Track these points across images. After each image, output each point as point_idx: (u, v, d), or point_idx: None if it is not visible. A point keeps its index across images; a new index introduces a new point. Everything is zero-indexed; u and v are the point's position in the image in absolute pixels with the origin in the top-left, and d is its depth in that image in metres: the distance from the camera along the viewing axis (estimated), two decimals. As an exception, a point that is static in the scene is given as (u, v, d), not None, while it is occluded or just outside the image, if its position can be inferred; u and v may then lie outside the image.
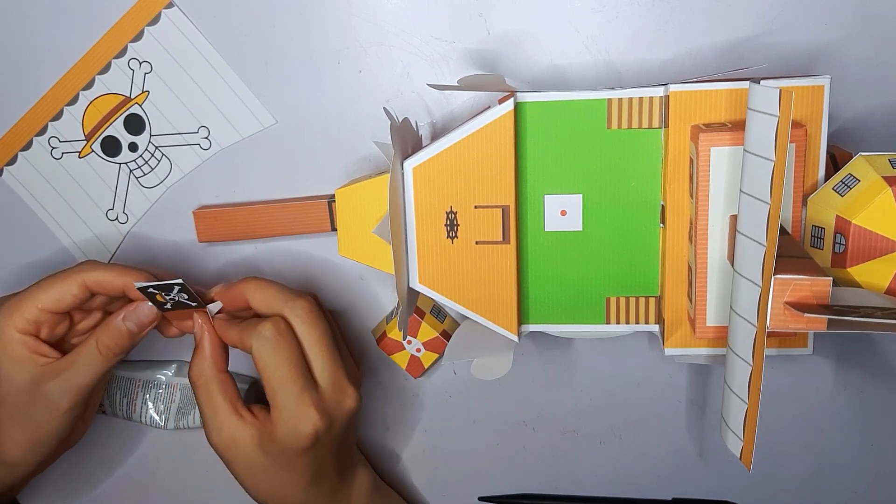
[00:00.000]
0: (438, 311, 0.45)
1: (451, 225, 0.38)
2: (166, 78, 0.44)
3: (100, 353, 0.39)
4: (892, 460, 0.46)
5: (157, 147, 0.45)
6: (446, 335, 0.44)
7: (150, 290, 0.38)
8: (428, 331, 0.44)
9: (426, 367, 0.45)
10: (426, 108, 0.43)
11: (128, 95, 0.44)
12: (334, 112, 0.43)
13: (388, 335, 0.44)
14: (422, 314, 0.44)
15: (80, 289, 0.39)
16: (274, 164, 0.45)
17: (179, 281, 0.38)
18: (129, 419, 0.48)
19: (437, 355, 0.45)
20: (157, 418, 0.48)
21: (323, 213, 0.43)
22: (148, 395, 0.47)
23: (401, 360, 0.45)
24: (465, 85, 0.37)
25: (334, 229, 0.43)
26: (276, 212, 0.43)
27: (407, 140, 0.39)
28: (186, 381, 0.47)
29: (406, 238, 0.38)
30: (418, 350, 0.45)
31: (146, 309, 0.39)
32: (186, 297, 0.39)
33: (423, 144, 0.41)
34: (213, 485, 0.51)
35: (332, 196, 0.42)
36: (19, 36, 0.44)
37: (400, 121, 0.38)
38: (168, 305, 0.39)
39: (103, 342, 0.39)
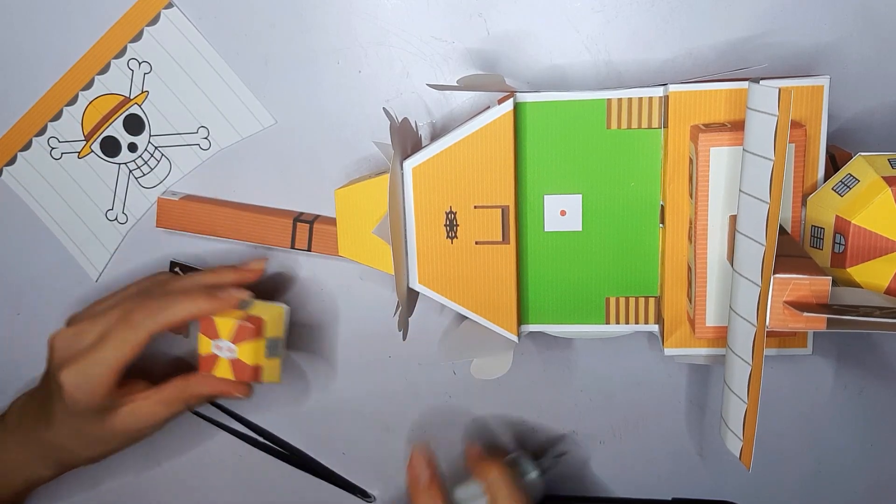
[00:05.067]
0: (274, 348, 0.41)
1: (451, 225, 0.38)
2: (166, 78, 0.44)
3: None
4: (892, 460, 0.46)
5: (156, 147, 0.45)
6: (253, 319, 0.39)
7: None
8: (225, 324, 0.39)
9: (256, 364, 0.40)
10: (426, 108, 0.43)
11: (127, 96, 0.44)
12: (334, 112, 0.43)
13: (201, 353, 0.40)
14: (259, 336, 0.40)
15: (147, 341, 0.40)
16: (274, 164, 0.45)
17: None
18: None
19: (256, 341, 0.39)
20: None
21: (286, 231, 0.43)
22: None
23: (224, 370, 0.40)
24: (464, 85, 0.37)
25: (293, 248, 0.43)
26: (239, 219, 0.44)
27: (407, 140, 0.39)
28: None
29: (406, 238, 0.38)
30: (230, 350, 0.39)
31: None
32: None
33: (423, 144, 0.41)
34: (215, 485, 0.51)
35: (300, 215, 0.43)
36: (18, 36, 0.44)
37: (399, 121, 0.38)
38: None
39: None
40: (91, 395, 0.40)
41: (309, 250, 0.43)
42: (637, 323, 0.40)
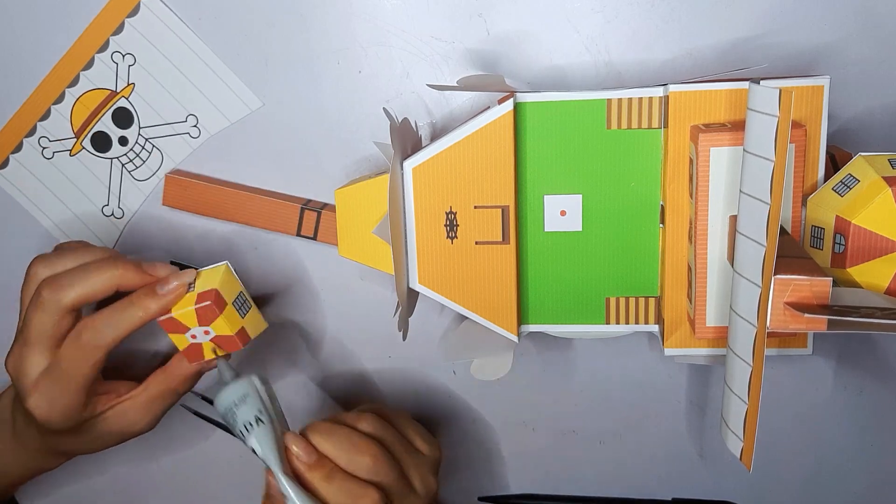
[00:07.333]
0: (243, 303, 0.40)
1: (451, 225, 0.38)
2: (150, 68, 0.44)
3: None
4: (892, 460, 0.46)
5: (146, 139, 0.45)
6: (207, 295, 0.38)
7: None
8: (186, 315, 0.38)
9: (238, 330, 0.39)
10: (426, 108, 0.43)
11: (114, 89, 0.44)
12: (334, 112, 0.43)
13: (181, 349, 0.39)
14: (223, 305, 0.38)
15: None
16: (269, 154, 0.44)
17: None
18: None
19: (225, 312, 0.38)
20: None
21: (293, 217, 0.43)
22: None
23: (212, 352, 0.40)
24: (464, 85, 0.37)
25: (299, 234, 0.43)
26: (247, 201, 0.44)
27: (406, 140, 0.39)
28: None
29: (406, 238, 0.38)
30: (206, 332, 0.39)
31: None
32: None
33: (423, 144, 0.40)
34: (215, 485, 0.51)
35: (307, 202, 0.43)
36: None
37: (400, 121, 0.38)
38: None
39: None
40: (66, 415, 0.38)
41: (315, 238, 0.43)
42: (637, 323, 0.40)
